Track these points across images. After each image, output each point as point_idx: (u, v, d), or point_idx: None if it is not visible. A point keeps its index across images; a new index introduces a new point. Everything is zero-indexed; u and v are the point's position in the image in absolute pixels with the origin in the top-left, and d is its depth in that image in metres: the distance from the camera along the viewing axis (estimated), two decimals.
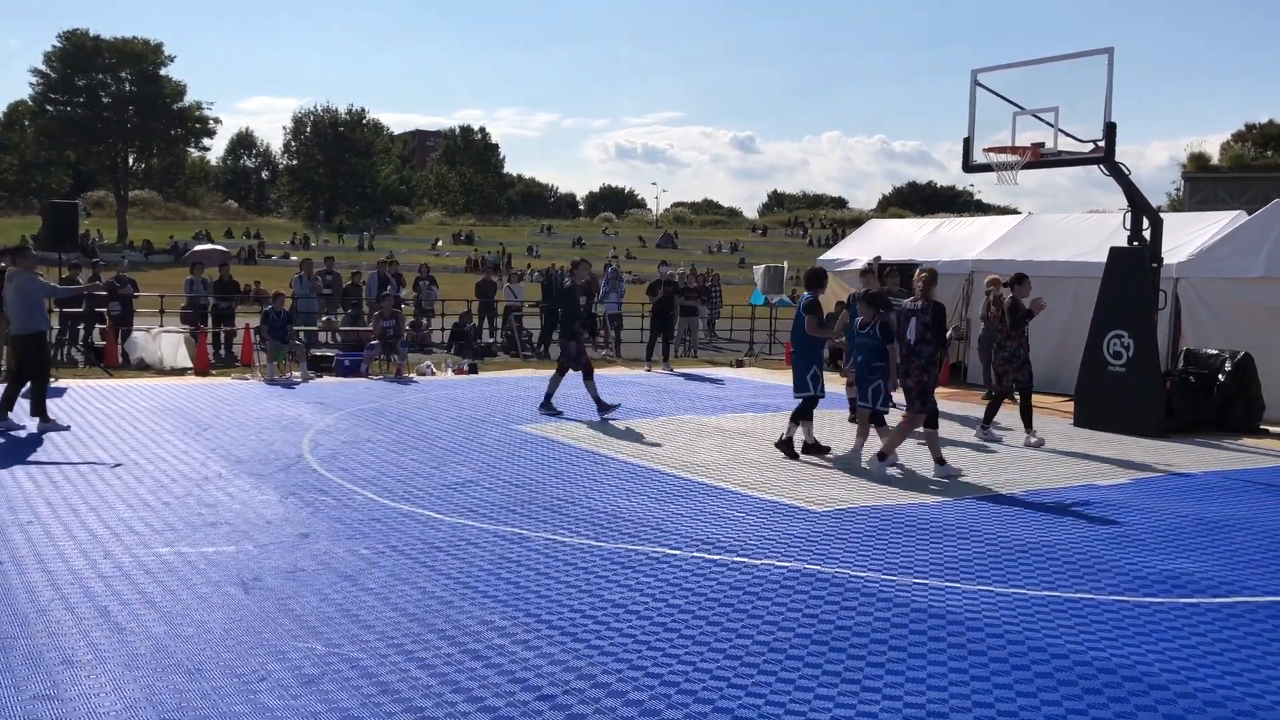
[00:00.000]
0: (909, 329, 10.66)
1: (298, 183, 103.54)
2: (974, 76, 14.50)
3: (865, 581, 6.84)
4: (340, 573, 6.75)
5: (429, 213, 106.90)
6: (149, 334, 18.99)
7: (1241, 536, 8.31)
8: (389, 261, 27.08)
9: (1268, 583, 7.06)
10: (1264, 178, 43.40)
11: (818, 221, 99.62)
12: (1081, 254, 16.97)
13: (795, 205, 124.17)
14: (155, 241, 66.18)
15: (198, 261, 23.76)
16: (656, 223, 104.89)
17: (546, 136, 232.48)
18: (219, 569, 6.77)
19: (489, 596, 6.35)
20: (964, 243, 19.76)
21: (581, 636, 5.69)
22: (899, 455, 10.93)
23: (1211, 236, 15.86)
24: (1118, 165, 13.51)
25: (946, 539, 7.99)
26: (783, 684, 5.13)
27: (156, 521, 7.94)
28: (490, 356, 22.19)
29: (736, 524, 8.28)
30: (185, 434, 11.79)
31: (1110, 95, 13.18)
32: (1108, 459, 11.54)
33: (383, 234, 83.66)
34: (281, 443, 11.36)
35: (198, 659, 5.24)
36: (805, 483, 9.94)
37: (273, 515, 8.22)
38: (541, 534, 7.86)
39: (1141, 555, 7.68)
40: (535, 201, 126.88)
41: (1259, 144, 53.24)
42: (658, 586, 6.64)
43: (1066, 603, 6.53)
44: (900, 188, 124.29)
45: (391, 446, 11.31)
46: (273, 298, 18.15)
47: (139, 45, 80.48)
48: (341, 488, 9.26)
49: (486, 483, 9.62)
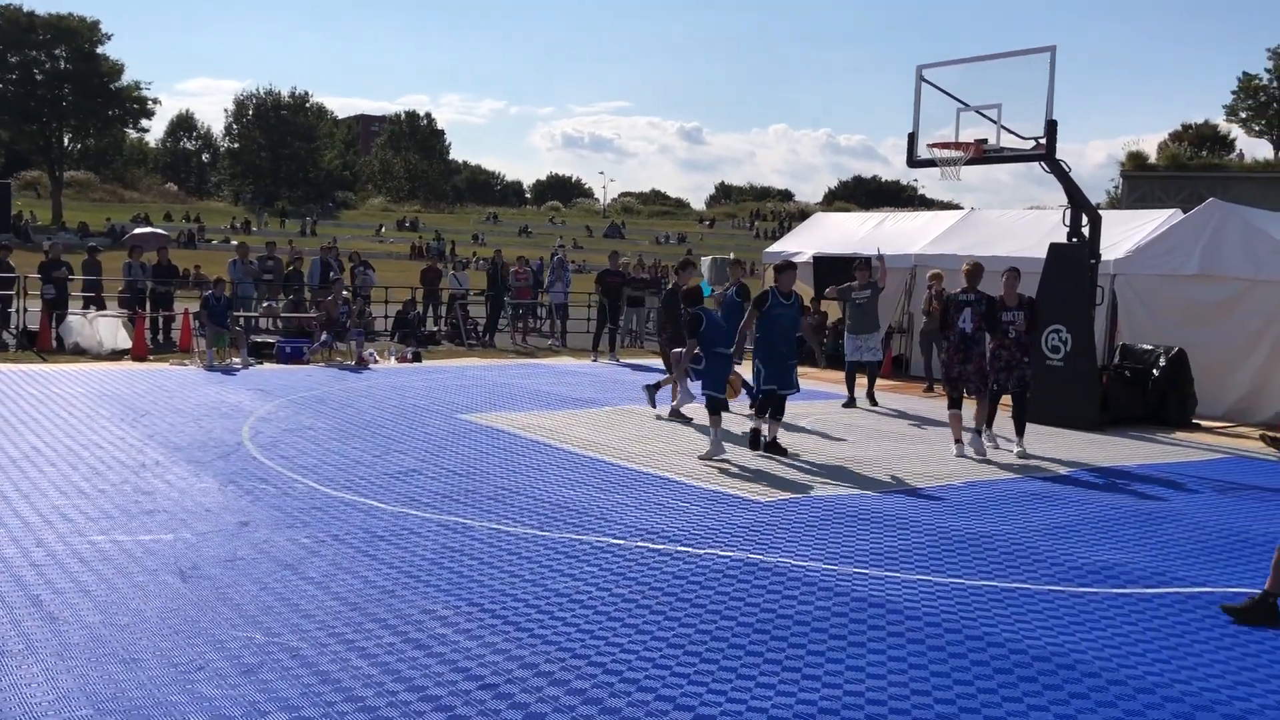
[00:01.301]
0: (963, 319, 11.26)
1: (239, 166, 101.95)
2: (919, 72, 14.63)
3: (807, 571, 6.90)
4: (280, 561, 6.68)
5: (373, 198, 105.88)
6: (84, 318, 18.62)
7: (1173, 528, 8.50)
8: (331, 247, 26.76)
9: (1197, 573, 7.23)
10: (1199, 177, 44.28)
11: (765, 214, 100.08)
12: (1022, 249, 17.20)
13: (743, 197, 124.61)
14: (91, 224, 64.82)
15: (136, 245, 23.31)
16: (604, 212, 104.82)
17: (493, 123, 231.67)
18: (156, 557, 6.66)
19: (432, 586, 6.32)
20: (908, 237, 19.96)
21: (525, 626, 5.69)
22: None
23: (1148, 234, 16.17)
24: (1058, 162, 13.71)
25: (887, 529, 8.09)
26: (725, 672, 5.16)
27: (91, 509, 7.80)
28: (434, 345, 22.05)
29: (681, 514, 8.32)
30: (122, 420, 11.58)
31: (1052, 93, 13.38)
32: (1045, 451, 11.73)
33: (325, 219, 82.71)
34: (221, 430, 11.21)
35: (133, 648, 5.16)
36: (751, 473, 10.00)
37: (211, 503, 8.11)
38: (485, 523, 7.84)
39: (1076, 546, 7.83)
40: (481, 189, 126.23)
41: (1194, 144, 54.33)
42: (601, 576, 6.65)
43: (1003, 592, 6.64)
44: (846, 181, 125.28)
45: (333, 434, 11.20)
46: (213, 283, 17.88)
47: (74, 22, 78.58)
48: (282, 476, 9.16)
49: (430, 471, 9.56)
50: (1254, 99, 60.57)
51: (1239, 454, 12.29)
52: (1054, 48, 13.24)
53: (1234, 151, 56.69)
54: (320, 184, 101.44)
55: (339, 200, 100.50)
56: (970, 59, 14.60)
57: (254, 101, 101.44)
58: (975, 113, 14.04)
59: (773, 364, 10.98)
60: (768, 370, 10.98)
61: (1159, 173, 46.93)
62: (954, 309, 11.45)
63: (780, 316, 10.97)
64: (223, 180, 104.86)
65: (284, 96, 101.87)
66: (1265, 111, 60.18)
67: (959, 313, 11.36)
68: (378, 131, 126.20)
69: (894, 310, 19.34)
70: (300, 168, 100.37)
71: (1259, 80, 60.40)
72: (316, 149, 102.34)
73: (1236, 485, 10.39)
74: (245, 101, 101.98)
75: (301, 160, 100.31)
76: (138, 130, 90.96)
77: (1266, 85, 60.20)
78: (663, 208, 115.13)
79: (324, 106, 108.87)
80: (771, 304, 10.96)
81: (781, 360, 11.00)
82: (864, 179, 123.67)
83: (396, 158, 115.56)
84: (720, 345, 11.02)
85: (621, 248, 39.39)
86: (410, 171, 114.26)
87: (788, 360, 11.05)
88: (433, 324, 24.46)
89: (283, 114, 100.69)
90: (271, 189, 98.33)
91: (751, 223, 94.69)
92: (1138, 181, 46.87)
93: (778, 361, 10.98)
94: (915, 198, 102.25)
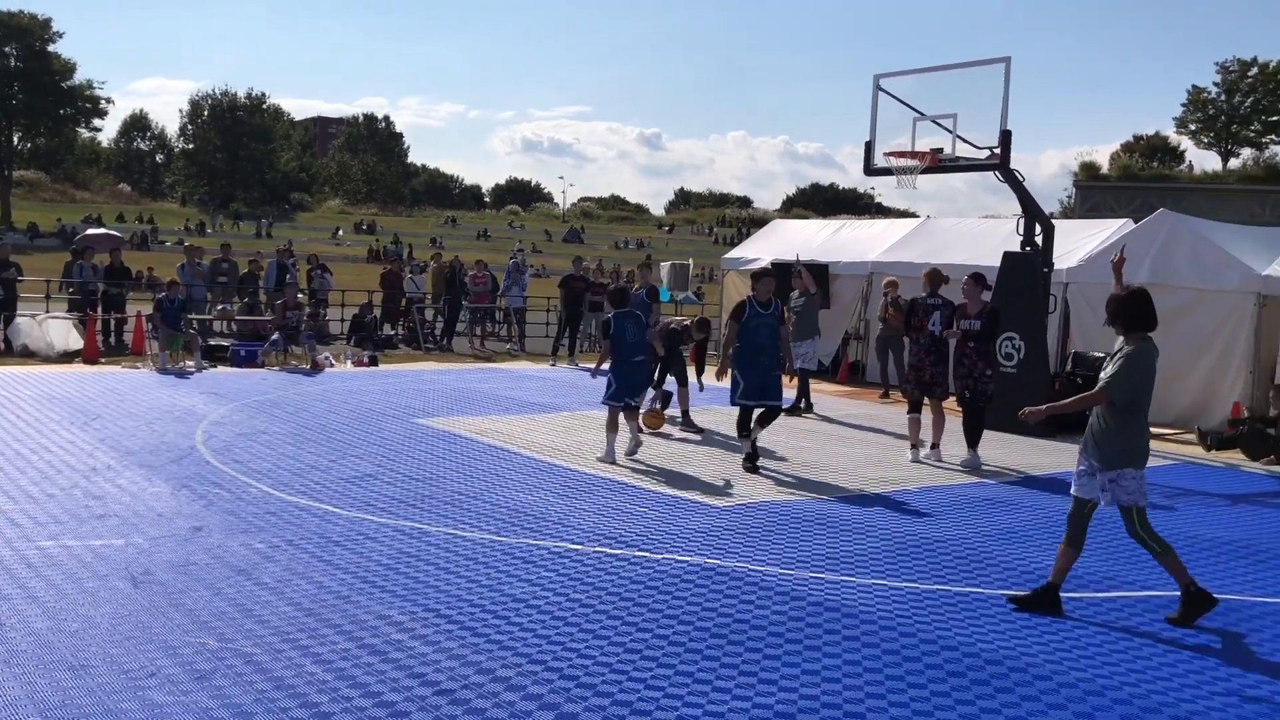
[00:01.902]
0: (933, 321, 11.37)
1: (194, 167, 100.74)
2: (876, 81, 14.77)
3: (764, 576, 6.94)
4: (234, 567, 6.62)
5: (330, 201, 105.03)
6: (34, 320, 18.32)
7: (1121, 533, 8.58)
8: (287, 250, 26.53)
9: (1145, 577, 7.34)
10: (1150, 187, 45.02)
11: (728, 220, 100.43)
12: (976, 257, 17.36)
13: (702, 204, 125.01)
14: (42, 224, 63.76)
15: (88, 246, 22.96)
16: (563, 217, 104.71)
17: (452, 127, 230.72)
18: (107, 563, 6.57)
19: (387, 591, 6.28)
20: (865, 244, 20.11)
21: (481, 631, 5.67)
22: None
23: (1100, 243, 16.40)
24: (1012, 172, 13.89)
25: (843, 534, 8.14)
26: (681, 677, 5.18)
27: (40, 514, 7.67)
28: (391, 349, 21.90)
29: (638, 519, 8.33)
30: (72, 424, 11.41)
31: (1006, 103, 13.55)
32: (998, 457, 11.86)
33: (281, 222, 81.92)
34: (174, 434, 11.07)
35: (83, 655, 5.09)
36: (706, 479, 10.03)
37: (164, 508, 8.01)
38: (441, 529, 7.80)
39: (1029, 550, 7.93)
40: (440, 192, 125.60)
41: (1145, 155, 55.25)
42: (559, 581, 6.65)
43: (957, 596, 6.71)
44: (804, 189, 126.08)
45: (288, 439, 11.10)
46: (166, 285, 17.65)
47: (25, 19, 77.23)
48: (236, 480, 9.07)
49: (386, 476, 9.51)
50: (1203, 112, 61.73)
51: (1187, 460, 12.50)
52: (1009, 59, 13.43)
53: (1184, 163, 57.74)
54: (276, 186, 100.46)
55: (295, 202, 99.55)
56: (926, 69, 14.76)
57: (209, 102, 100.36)
58: (931, 122, 14.20)
59: (753, 376, 10.40)
60: (746, 383, 10.41)
61: (1111, 183, 47.67)
62: (922, 312, 11.56)
63: (759, 327, 10.40)
64: (177, 181, 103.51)
65: (240, 97, 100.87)
66: (1214, 124, 61.33)
67: (928, 316, 11.46)
68: (335, 133, 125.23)
69: (850, 317, 19.49)
70: (256, 169, 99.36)
71: (1207, 94, 61.57)
72: (273, 150, 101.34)
73: (1184, 490, 10.56)
74: (200, 102, 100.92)
75: (257, 162, 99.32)
76: (90, 130, 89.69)
77: (1214, 99, 61.37)
78: (622, 213, 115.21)
79: (281, 108, 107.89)
80: (749, 315, 10.44)
81: (764, 371, 10.42)
82: (822, 186, 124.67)
83: (354, 160, 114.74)
84: (636, 355, 10.81)
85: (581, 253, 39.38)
86: (368, 174, 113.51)
87: (770, 371, 10.44)
88: (389, 328, 24.30)
89: (239, 115, 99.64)
90: (227, 190, 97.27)
91: (711, 229, 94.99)
92: (1090, 191, 47.58)
93: (759, 373, 10.41)
94: (872, 205, 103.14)
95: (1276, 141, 60.02)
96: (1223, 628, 6.33)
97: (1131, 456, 6.31)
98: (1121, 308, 6.52)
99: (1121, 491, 6.32)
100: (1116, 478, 6.31)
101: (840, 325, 19.44)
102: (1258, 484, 11.19)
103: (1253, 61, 59.90)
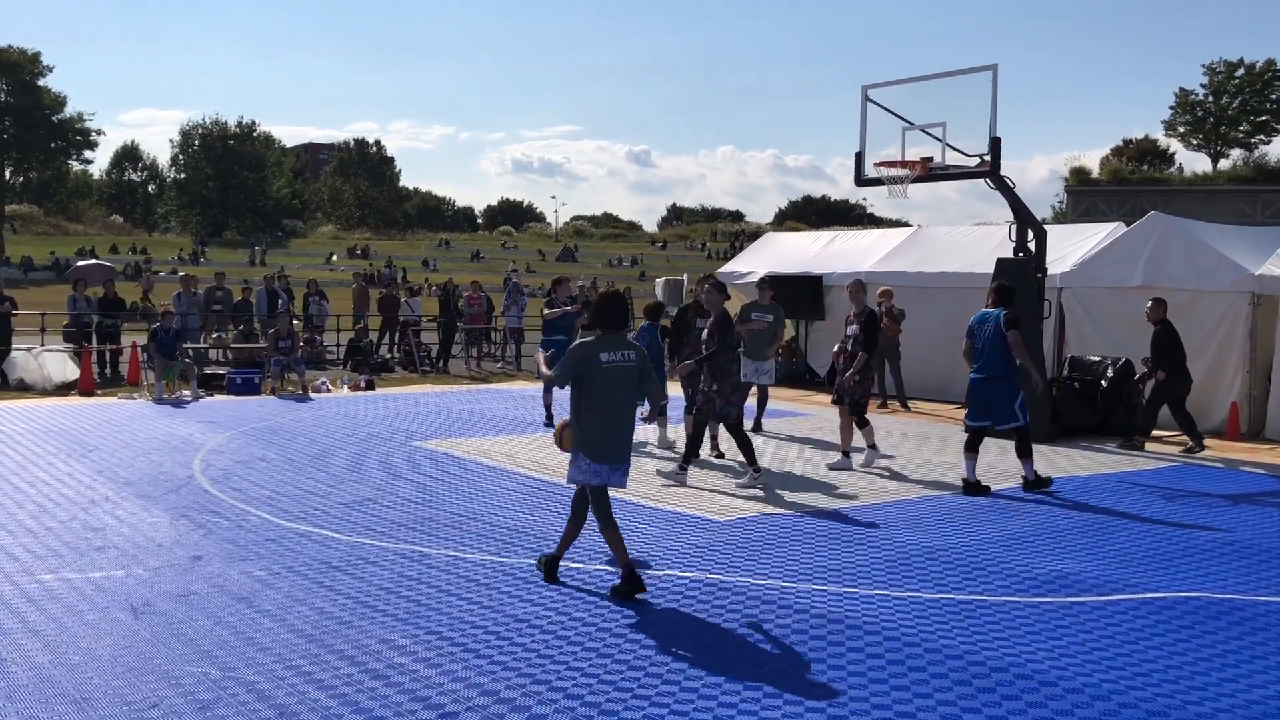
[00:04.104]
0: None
1: (186, 197, 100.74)
2: (864, 92, 14.82)
3: (766, 590, 6.92)
4: (235, 595, 6.59)
5: (323, 226, 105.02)
6: (29, 353, 18.30)
7: (1124, 536, 8.62)
8: (278, 276, 26.54)
9: (1148, 580, 7.33)
10: (1141, 190, 45.19)
11: (719, 235, 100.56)
12: (969, 265, 17.43)
13: (694, 219, 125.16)
14: (36, 258, 63.76)
15: (80, 278, 22.95)
16: (556, 236, 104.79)
17: (442, 149, 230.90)
18: (107, 594, 6.55)
19: (389, 615, 6.26)
20: (857, 255, 20.15)
21: (484, 653, 5.65)
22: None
23: (1092, 247, 16.44)
24: (1003, 179, 13.92)
25: (844, 546, 8.13)
26: (686, 693, 5.16)
27: (39, 547, 7.65)
28: (387, 372, 21.89)
29: (639, 536, 8.30)
30: (69, 456, 11.38)
31: (995, 111, 13.60)
32: (998, 464, 11.86)
33: (275, 248, 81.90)
34: (172, 463, 11.05)
35: (85, 688, 5.06)
36: (706, 494, 10.02)
37: (163, 538, 7.99)
38: (442, 551, 7.78)
39: (1031, 556, 7.92)
40: (433, 215, 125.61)
41: (1135, 158, 55.47)
42: (560, 600, 6.62)
43: (960, 604, 6.70)
44: (796, 201, 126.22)
45: (287, 465, 11.08)
46: (161, 315, 17.64)
47: (15, 54, 77.42)
48: (235, 508, 9.04)
49: (385, 500, 9.48)
50: (1191, 114, 61.97)
51: (1186, 462, 12.50)
52: (995, 66, 13.48)
53: (1174, 165, 57.98)
54: (268, 213, 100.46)
55: (288, 229, 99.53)
56: (914, 79, 14.80)
57: (200, 131, 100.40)
58: (920, 131, 14.24)
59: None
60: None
61: (1102, 187, 47.83)
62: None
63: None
64: (169, 211, 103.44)
65: (231, 126, 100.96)
66: (1202, 126, 61.57)
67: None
68: (326, 159, 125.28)
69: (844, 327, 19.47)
70: (249, 197, 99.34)
71: (1195, 95, 61.82)
72: (264, 178, 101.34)
73: (1185, 492, 10.56)
74: (191, 132, 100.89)
75: (250, 190, 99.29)
76: (81, 162, 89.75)
77: (1202, 100, 61.63)
78: (615, 230, 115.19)
79: (271, 135, 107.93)
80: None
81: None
82: (813, 198, 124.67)
83: (346, 185, 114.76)
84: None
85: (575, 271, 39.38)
86: (360, 199, 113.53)
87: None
88: (386, 351, 24.31)
89: (229, 144, 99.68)
90: (219, 219, 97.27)
91: (704, 244, 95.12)
92: (1082, 196, 47.73)
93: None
94: (864, 216, 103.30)
95: (1265, 141, 60.30)
96: (1228, 629, 6.32)
97: (578, 442, 6.86)
98: (595, 307, 7.28)
99: (576, 471, 6.89)
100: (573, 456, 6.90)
101: (836, 336, 19.42)
102: (1256, 484, 11.19)
103: (1239, 63, 60.20)
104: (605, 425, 6.80)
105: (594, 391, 6.78)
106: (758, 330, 13.68)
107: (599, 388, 6.77)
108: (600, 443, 6.77)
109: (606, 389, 6.78)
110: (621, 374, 6.83)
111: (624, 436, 6.90)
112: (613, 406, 6.83)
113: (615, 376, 6.80)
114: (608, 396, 6.80)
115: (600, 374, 6.77)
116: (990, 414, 10.52)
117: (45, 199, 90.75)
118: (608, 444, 6.79)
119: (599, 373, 6.77)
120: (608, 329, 6.96)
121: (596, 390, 6.78)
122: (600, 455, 6.78)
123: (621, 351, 6.86)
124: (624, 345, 6.92)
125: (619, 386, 6.83)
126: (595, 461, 6.78)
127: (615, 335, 6.94)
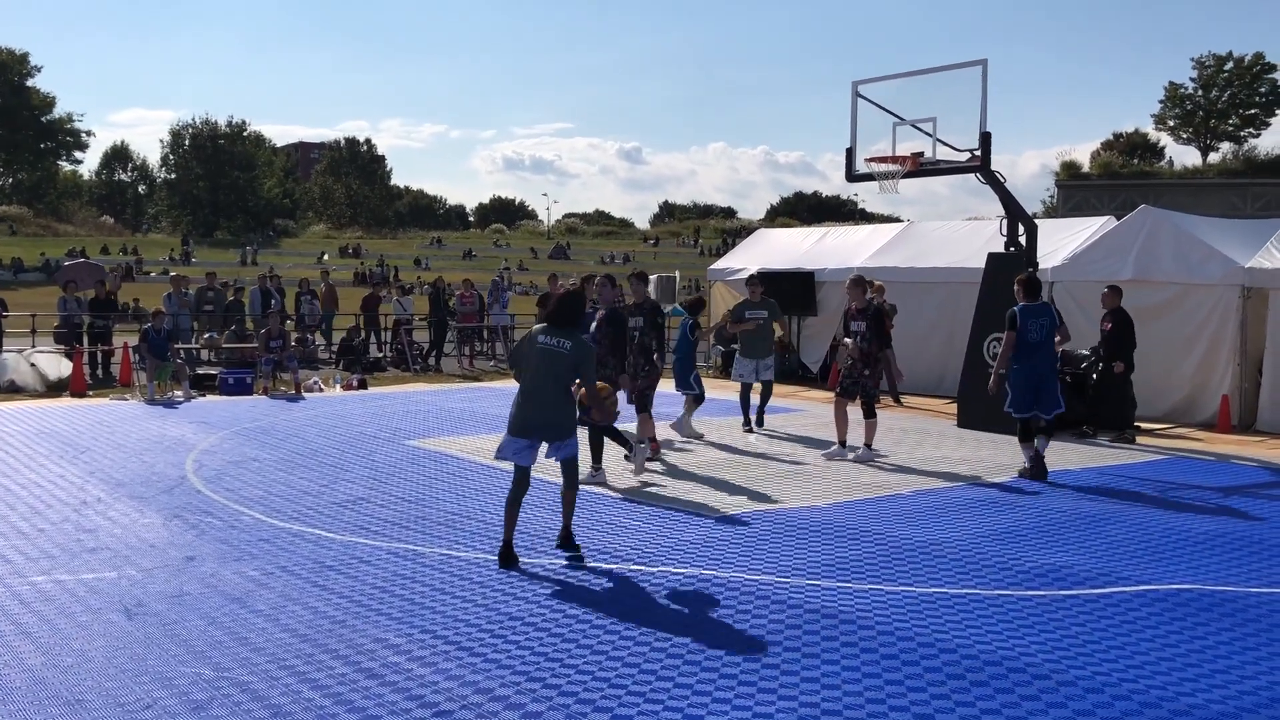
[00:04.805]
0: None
1: (177, 197, 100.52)
2: (855, 88, 14.83)
3: (759, 585, 6.93)
4: (228, 595, 6.58)
5: (314, 225, 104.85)
6: (20, 355, 18.25)
7: (1115, 529, 8.64)
8: (270, 276, 26.52)
9: (1140, 572, 7.36)
10: (1132, 184, 45.31)
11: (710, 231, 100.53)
12: (961, 260, 17.47)
13: (685, 216, 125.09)
14: (26, 259, 63.54)
15: (70, 280, 22.88)
16: (548, 234, 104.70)
17: (433, 148, 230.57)
18: (100, 596, 6.54)
19: (383, 614, 6.26)
20: (849, 250, 20.18)
21: (478, 651, 5.65)
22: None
23: (1084, 241, 16.48)
24: (993, 173, 13.94)
25: (838, 540, 8.14)
26: (680, 689, 5.16)
27: (31, 549, 7.63)
28: (380, 371, 21.87)
29: (632, 532, 8.31)
30: (61, 457, 11.36)
31: (985, 105, 13.62)
32: (990, 458, 11.88)
33: (266, 248, 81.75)
34: (164, 464, 11.03)
35: (78, 690, 5.05)
36: (699, 490, 10.03)
37: (156, 539, 7.98)
38: (436, 549, 7.78)
39: (1024, 550, 7.94)
40: (424, 213, 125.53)
41: (1126, 152, 55.62)
42: (554, 598, 6.63)
43: (953, 598, 6.71)
44: (787, 197, 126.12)
45: (279, 465, 11.07)
46: (152, 315, 17.61)
47: (3, 55, 77.38)
48: (228, 508, 9.03)
49: (378, 499, 9.48)
50: (1180, 107, 62.16)
51: (1178, 454, 12.54)
52: (985, 61, 13.50)
53: (1164, 159, 58.13)
54: (260, 212, 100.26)
55: (279, 228, 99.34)
56: (904, 74, 14.83)
57: (190, 131, 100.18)
58: (911, 127, 14.26)
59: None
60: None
61: (1093, 181, 47.96)
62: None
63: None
64: (160, 211, 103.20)
65: (221, 126, 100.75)
66: (1192, 119, 61.76)
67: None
68: (317, 158, 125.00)
69: (838, 323, 19.49)
70: (239, 197, 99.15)
71: (1184, 89, 62.00)
72: (255, 178, 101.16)
73: (1176, 485, 10.59)
74: (181, 132, 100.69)
75: (240, 189, 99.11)
76: (71, 163, 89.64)
77: (1192, 94, 61.80)
78: (607, 228, 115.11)
79: (262, 135, 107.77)
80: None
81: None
82: (804, 194, 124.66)
83: (337, 184, 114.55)
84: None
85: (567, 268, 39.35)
86: (351, 197, 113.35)
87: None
88: (376, 350, 24.29)
89: (220, 143, 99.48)
90: (210, 219, 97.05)
91: (696, 240, 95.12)
92: (1072, 190, 47.87)
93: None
94: (856, 212, 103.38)
95: (1255, 134, 60.50)
96: (1220, 620, 6.35)
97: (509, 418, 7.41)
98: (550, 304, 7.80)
99: (501, 446, 7.52)
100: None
101: (828, 331, 19.46)
102: (1249, 476, 11.22)
103: (1228, 56, 60.41)
104: (525, 402, 7.35)
105: (525, 373, 7.41)
106: (751, 329, 13.67)
107: (529, 369, 7.37)
108: (516, 418, 7.35)
109: (533, 368, 7.35)
110: (552, 357, 7.31)
111: (544, 413, 7.32)
112: (537, 385, 7.34)
113: (545, 357, 7.31)
114: (534, 375, 7.35)
115: (534, 354, 7.35)
116: (1039, 403, 10.94)
117: (35, 200, 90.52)
118: (524, 419, 7.32)
119: (533, 353, 7.35)
120: (554, 324, 7.47)
121: (527, 371, 7.40)
122: (515, 429, 7.35)
123: (558, 339, 7.36)
124: (565, 335, 7.39)
125: (545, 368, 7.30)
126: (510, 435, 7.38)
127: (563, 329, 7.44)
